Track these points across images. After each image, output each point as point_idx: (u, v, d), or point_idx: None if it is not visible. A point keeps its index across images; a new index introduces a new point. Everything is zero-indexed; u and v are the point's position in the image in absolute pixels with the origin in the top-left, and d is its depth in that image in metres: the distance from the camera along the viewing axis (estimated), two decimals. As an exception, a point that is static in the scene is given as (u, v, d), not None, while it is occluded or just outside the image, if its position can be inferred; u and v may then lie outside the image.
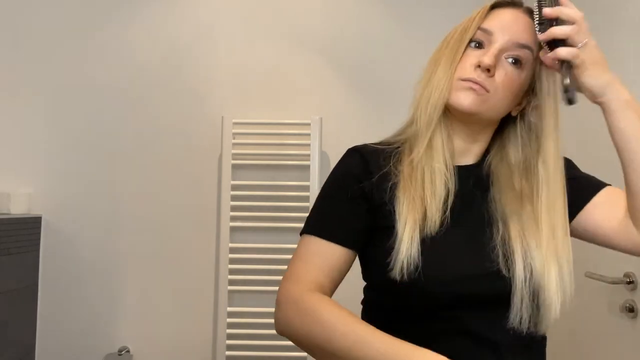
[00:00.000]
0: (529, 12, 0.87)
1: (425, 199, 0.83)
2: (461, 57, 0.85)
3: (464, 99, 0.83)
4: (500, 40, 0.84)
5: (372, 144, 0.93)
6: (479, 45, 0.85)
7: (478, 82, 0.83)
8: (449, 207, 0.83)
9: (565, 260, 0.82)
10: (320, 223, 0.88)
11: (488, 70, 0.82)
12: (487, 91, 0.83)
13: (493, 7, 0.88)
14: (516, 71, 0.84)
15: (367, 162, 0.88)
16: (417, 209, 0.82)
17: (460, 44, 0.86)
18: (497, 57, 0.83)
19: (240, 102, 2.28)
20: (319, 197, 0.92)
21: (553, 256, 0.81)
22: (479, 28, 0.85)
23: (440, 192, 0.83)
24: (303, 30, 2.31)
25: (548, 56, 0.80)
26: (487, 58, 0.82)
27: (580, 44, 0.78)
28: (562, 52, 0.78)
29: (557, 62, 0.79)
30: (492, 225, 0.84)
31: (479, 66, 0.83)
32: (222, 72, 2.29)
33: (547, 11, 0.79)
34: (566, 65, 0.78)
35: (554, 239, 0.82)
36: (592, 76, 0.79)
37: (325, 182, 0.92)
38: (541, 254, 0.81)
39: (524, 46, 0.84)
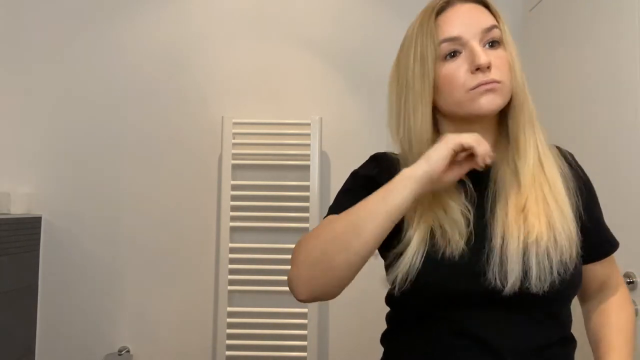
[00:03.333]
0: None
1: (437, 221, 0.85)
2: (442, 78, 0.84)
3: (491, 102, 0.83)
4: (472, 37, 0.83)
5: (392, 153, 0.96)
6: (453, 54, 0.84)
7: (490, 81, 0.82)
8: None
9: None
10: (340, 205, 0.88)
11: (488, 67, 0.82)
12: (499, 82, 0.83)
13: (437, 15, 0.86)
14: (500, 50, 0.85)
15: (382, 168, 0.92)
16: (426, 226, 0.85)
17: (427, 74, 0.84)
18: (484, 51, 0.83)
19: (240, 102, 2.28)
20: (339, 192, 0.96)
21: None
22: (443, 41, 0.83)
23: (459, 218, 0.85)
24: (303, 30, 2.31)
25: None
26: (481, 58, 0.81)
27: None
28: None
29: None
30: (491, 226, 0.84)
31: (477, 69, 0.82)
32: (222, 72, 2.29)
33: None
34: None
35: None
36: None
37: (345, 181, 0.97)
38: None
39: (491, 28, 0.84)
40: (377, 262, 1.01)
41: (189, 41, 2.30)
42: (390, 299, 0.96)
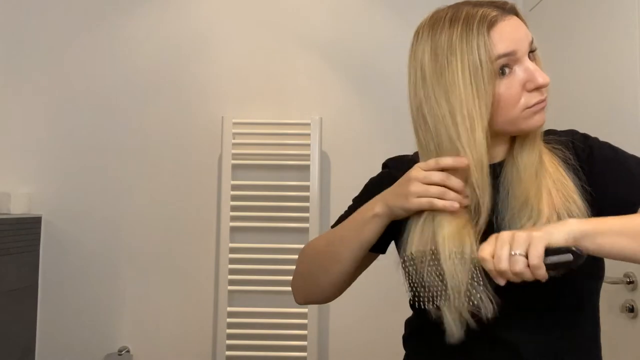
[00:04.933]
0: (513, 11, 0.84)
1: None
2: (495, 95, 0.79)
3: (541, 119, 0.82)
4: (524, 52, 0.80)
5: (406, 156, 0.97)
6: (503, 71, 0.79)
7: (544, 99, 0.82)
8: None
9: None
10: (342, 219, 0.98)
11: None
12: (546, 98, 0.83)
13: (489, 28, 0.79)
14: (534, 60, 0.83)
15: (391, 178, 0.90)
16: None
17: (485, 92, 0.78)
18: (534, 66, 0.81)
19: (240, 102, 2.28)
20: (352, 200, 1.02)
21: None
22: (499, 57, 0.78)
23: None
24: (303, 30, 2.31)
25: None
26: (541, 79, 0.79)
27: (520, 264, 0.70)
28: (539, 273, 0.70)
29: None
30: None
31: (535, 88, 0.80)
32: (222, 72, 2.29)
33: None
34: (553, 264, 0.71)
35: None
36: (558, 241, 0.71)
37: (361, 190, 1.03)
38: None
39: (532, 40, 0.83)
40: (377, 262, 1.01)
41: (189, 41, 2.30)
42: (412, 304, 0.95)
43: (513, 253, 0.70)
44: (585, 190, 0.83)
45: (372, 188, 0.95)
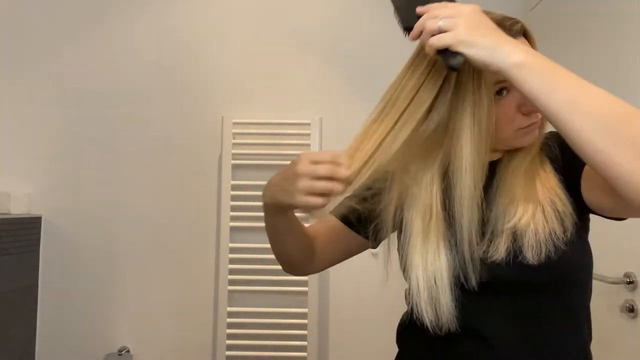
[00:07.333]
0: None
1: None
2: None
3: (533, 138, 0.85)
4: None
5: None
6: (500, 91, 0.82)
7: (539, 121, 0.84)
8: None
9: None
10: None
11: None
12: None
13: None
14: None
15: None
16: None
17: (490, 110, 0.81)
18: None
19: (240, 102, 2.28)
20: None
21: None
22: (497, 82, 0.81)
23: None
24: (303, 30, 2.31)
25: (427, 52, 0.75)
26: None
27: (441, 22, 0.71)
28: (434, 42, 0.72)
29: (436, 53, 0.74)
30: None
31: (530, 112, 0.82)
32: (222, 72, 2.29)
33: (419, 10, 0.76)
34: (447, 52, 0.72)
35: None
36: (474, 47, 0.70)
37: None
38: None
39: None
40: (377, 262, 1.01)
41: (189, 41, 2.30)
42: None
43: (440, 24, 0.71)
44: (563, 180, 0.85)
45: None
